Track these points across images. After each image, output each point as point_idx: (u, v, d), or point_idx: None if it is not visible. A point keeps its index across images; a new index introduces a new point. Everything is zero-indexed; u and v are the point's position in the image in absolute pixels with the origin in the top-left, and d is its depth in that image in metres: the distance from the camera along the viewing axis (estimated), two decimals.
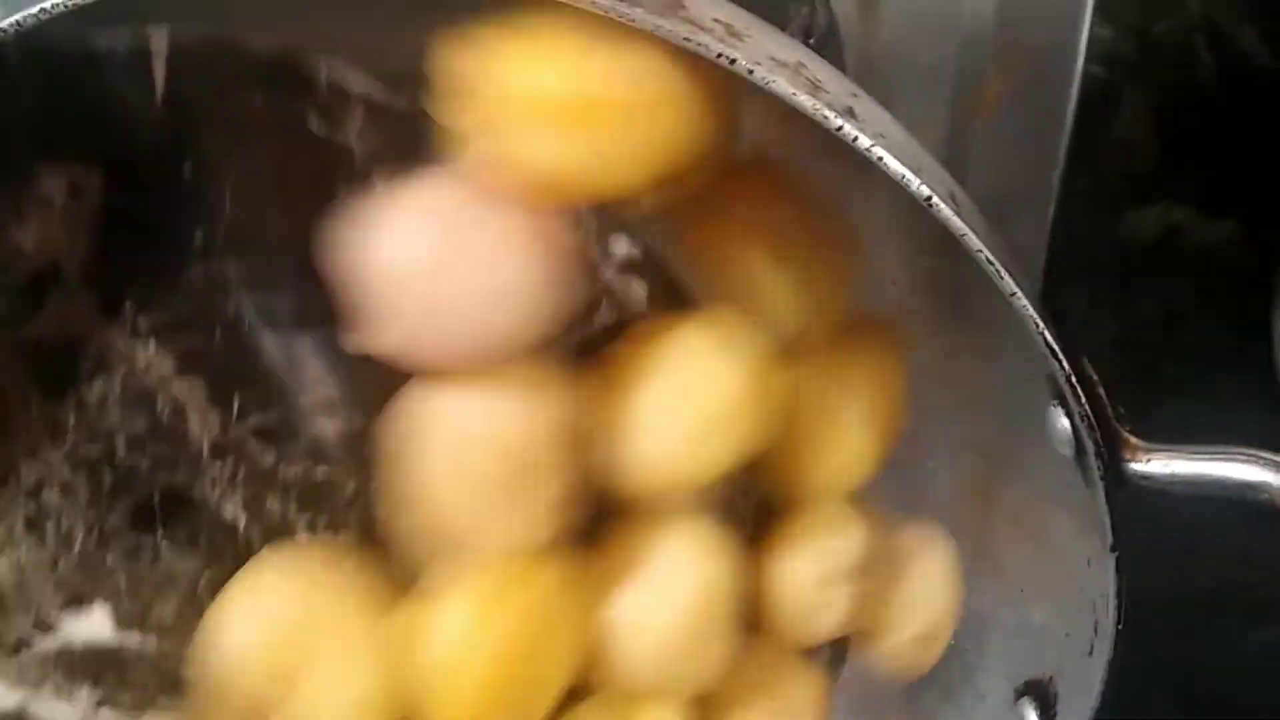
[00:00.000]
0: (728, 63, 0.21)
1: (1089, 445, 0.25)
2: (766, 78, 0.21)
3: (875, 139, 0.22)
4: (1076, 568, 0.28)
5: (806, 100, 0.22)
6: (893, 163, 0.22)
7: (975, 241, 0.23)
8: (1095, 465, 0.25)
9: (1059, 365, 0.24)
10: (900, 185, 0.23)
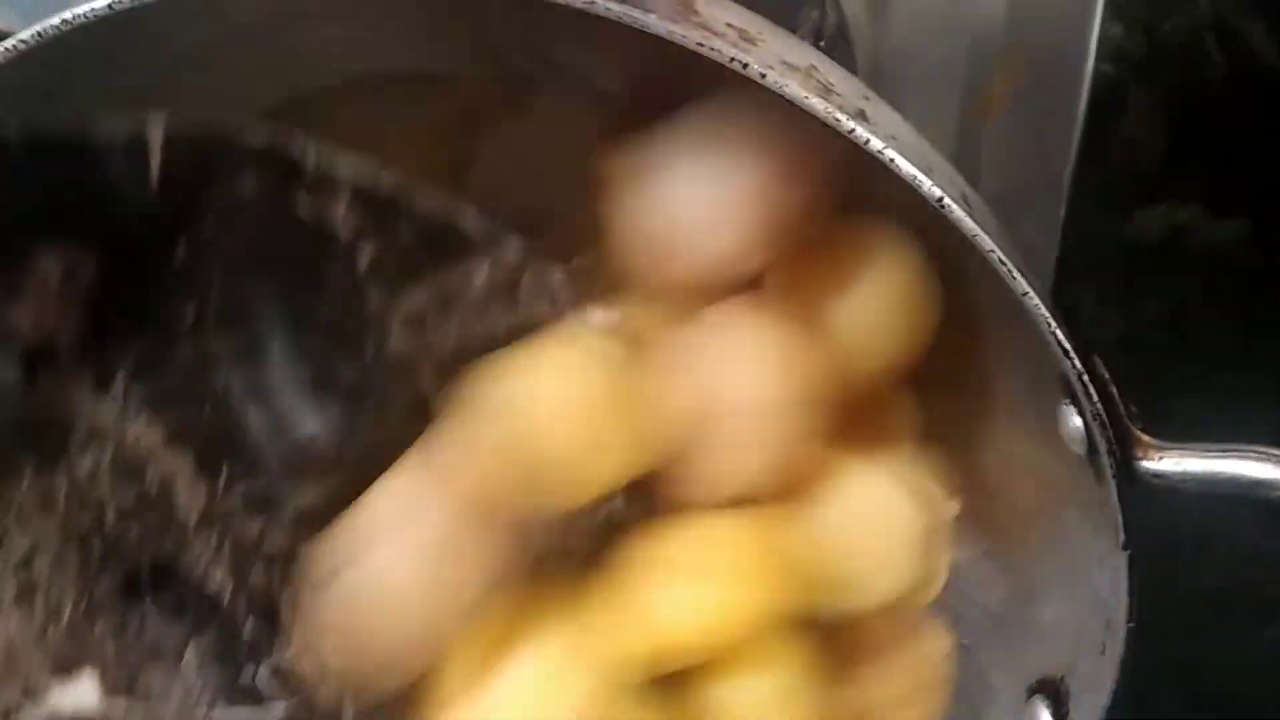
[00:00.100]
0: (740, 67, 0.21)
1: (1101, 444, 0.25)
2: (779, 82, 0.22)
3: (887, 141, 0.22)
4: (1088, 566, 0.28)
5: (819, 103, 0.22)
6: (905, 164, 0.22)
7: (988, 242, 0.23)
8: (1107, 463, 0.25)
9: (1071, 364, 0.24)
10: (912, 187, 0.23)
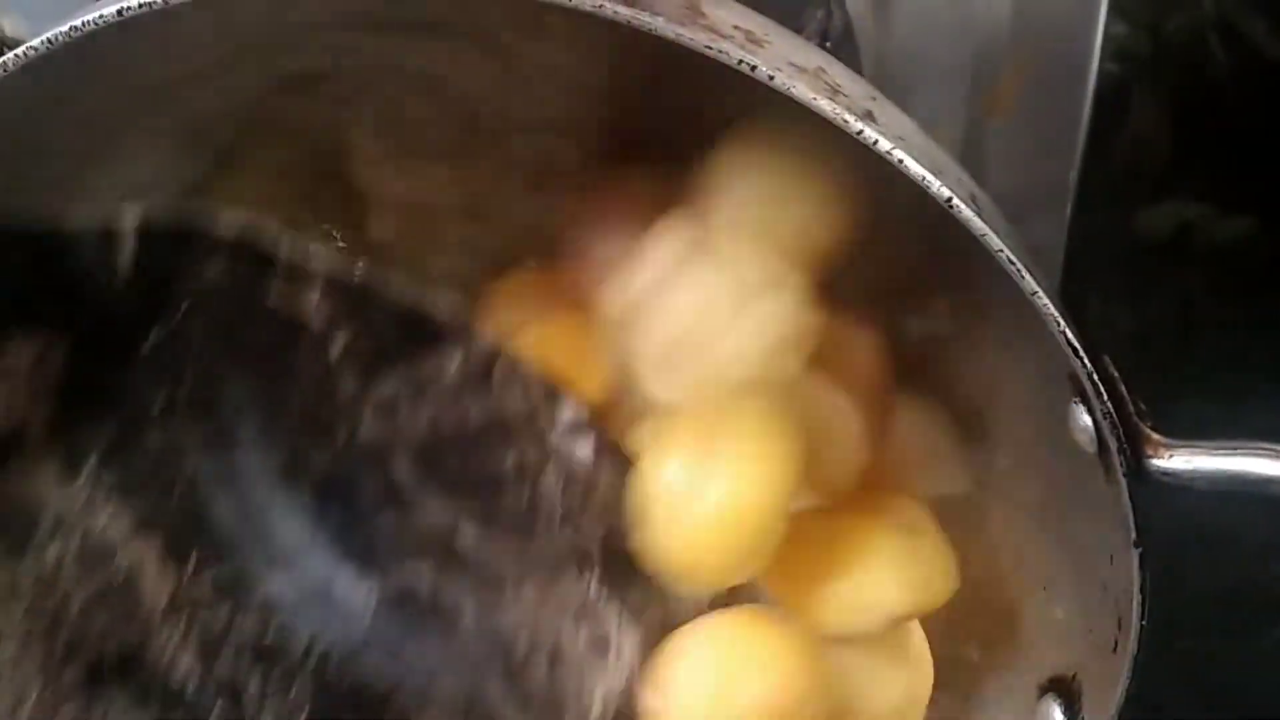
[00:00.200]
0: (748, 69, 0.21)
1: (1111, 442, 0.25)
2: (787, 83, 0.22)
3: (895, 142, 0.22)
4: (1099, 564, 0.28)
5: (826, 105, 0.22)
6: (913, 165, 0.22)
7: (996, 242, 0.23)
8: (1118, 462, 0.25)
9: (1081, 364, 0.24)
10: (921, 187, 0.23)
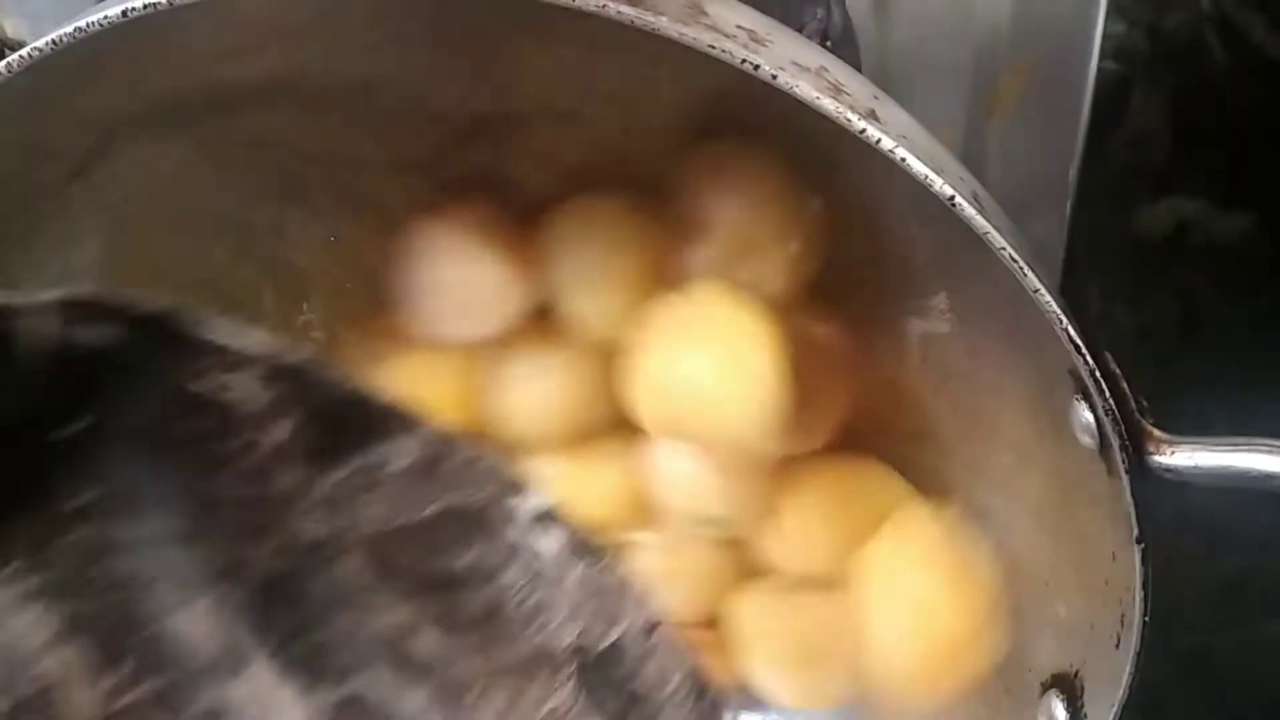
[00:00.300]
0: (751, 69, 0.22)
1: (1113, 439, 0.25)
2: (790, 82, 0.22)
3: (898, 141, 0.22)
4: (1101, 560, 0.28)
5: (829, 104, 0.22)
6: (916, 164, 0.23)
7: (999, 240, 0.23)
8: (1120, 458, 0.25)
9: (1083, 361, 0.24)
10: (923, 186, 0.23)
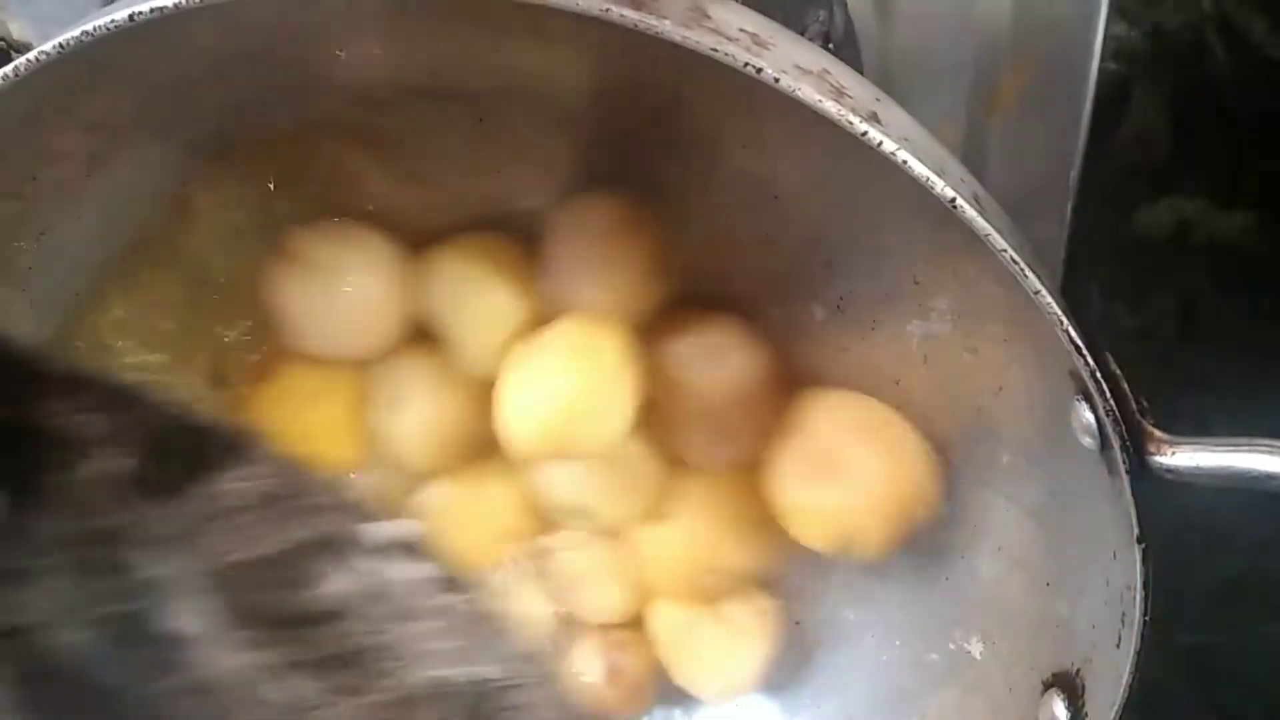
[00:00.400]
0: (754, 72, 0.22)
1: (1114, 439, 0.25)
2: (792, 85, 0.22)
3: (900, 143, 0.22)
4: (1102, 560, 0.28)
5: (832, 106, 0.22)
6: (917, 166, 0.23)
7: (1000, 241, 0.23)
8: (1121, 459, 0.25)
9: (1084, 362, 0.24)
10: (924, 188, 0.23)
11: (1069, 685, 0.30)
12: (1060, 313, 0.24)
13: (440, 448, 0.35)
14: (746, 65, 0.22)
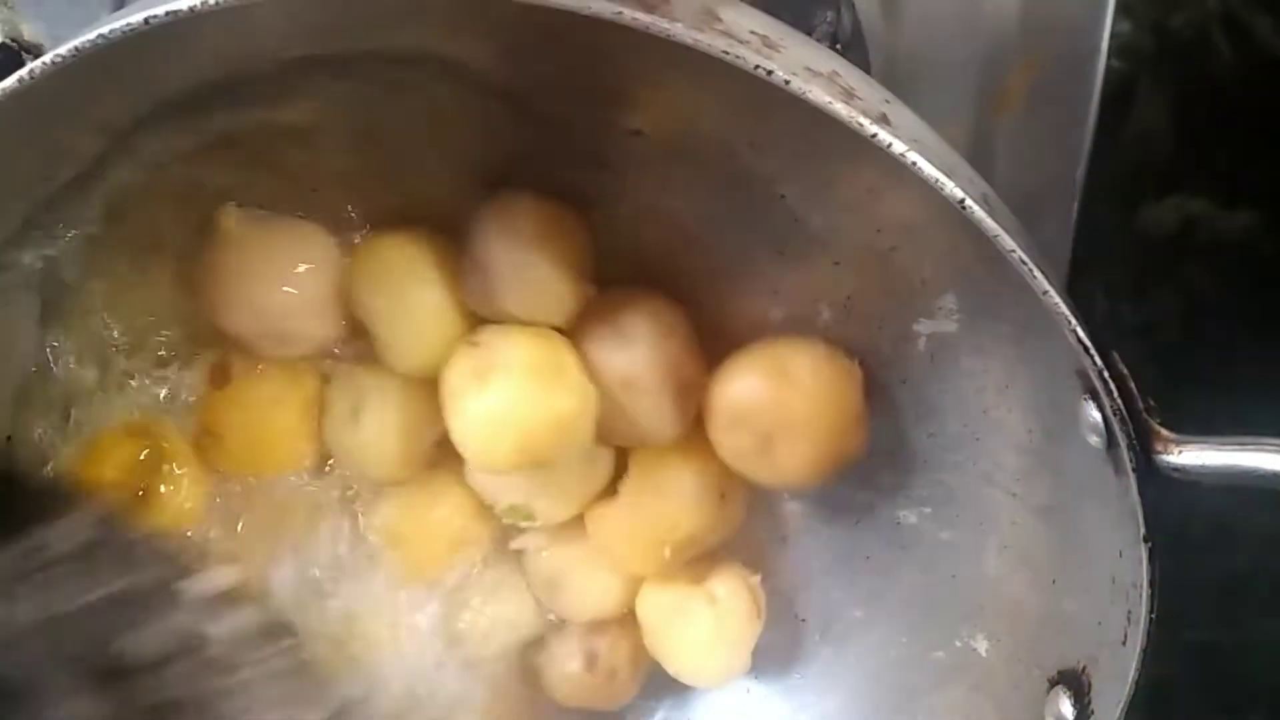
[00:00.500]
0: (764, 74, 0.22)
1: (1122, 438, 0.25)
2: (802, 88, 0.22)
3: (910, 144, 0.23)
4: (1108, 557, 0.28)
5: (841, 108, 0.22)
6: (927, 167, 0.23)
7: (1009, 242, 0.23)
8: (1128, 458, 0.25)
9: (1092, 362, 0.25)
10: (933, 189, 0.23)
11: (1075, 683, 0.30)
12: (1069, 313, 0.24)
13: (401, 456, 0.35)
14: (757, 68, 0.22)
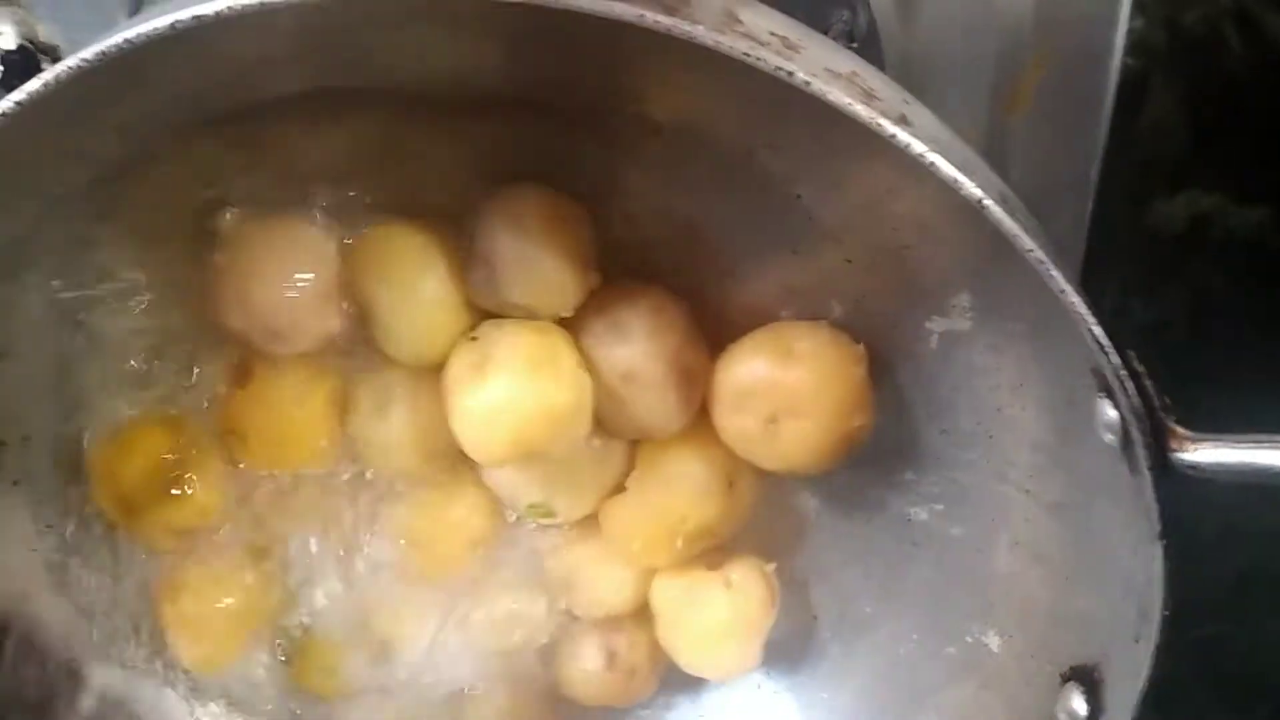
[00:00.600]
0: (786, 76, 0.22)
1: (1137, 437, 0.25)
2: (823, 89, 0.22)
3: (929, 145, 0.23)
4: (1121, 555, 0.28)
5: (862, 110, 0.22)
6: (946, 168, 0.23)
7: (1027, 242, 0.24)
8: (1144, 456, 0.26)
9: (1109, 360, 0.25)
10: (951, 188, 0.23)
11: (1088, 679, 0.30)
12: (1086, 313, 0.24)
13: (428, 451, 0.35)
14: (778, 69, 0.22)
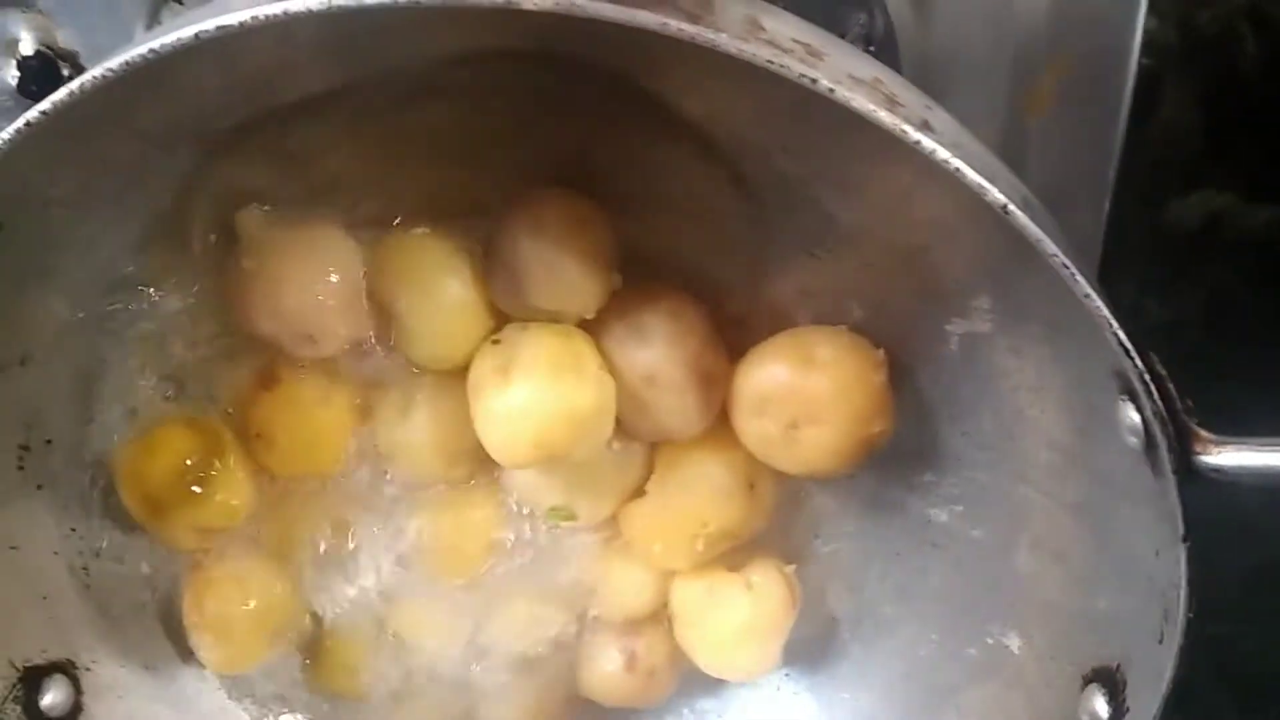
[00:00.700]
0: (809, 83, 0.22)
1: (1161, 440, 0.25)
2: (847, 95, 0.22)
3: (953, 150, 0.23)
4: (1143, 557, 0.28)
5: (885, 116, 0.22)
6: (970, 173, 0.23)
7: (1051, 246, 0.24)
8: (1167, 459, 0.25)
9: (1132, 363, 0.25)
10: (976, 194, 0.23)
11: (1110, 681, 0.30)
12: (1109, 316, 0.24)
13: (451, 453, 0.35)
14: (802, 76, 0.22)
